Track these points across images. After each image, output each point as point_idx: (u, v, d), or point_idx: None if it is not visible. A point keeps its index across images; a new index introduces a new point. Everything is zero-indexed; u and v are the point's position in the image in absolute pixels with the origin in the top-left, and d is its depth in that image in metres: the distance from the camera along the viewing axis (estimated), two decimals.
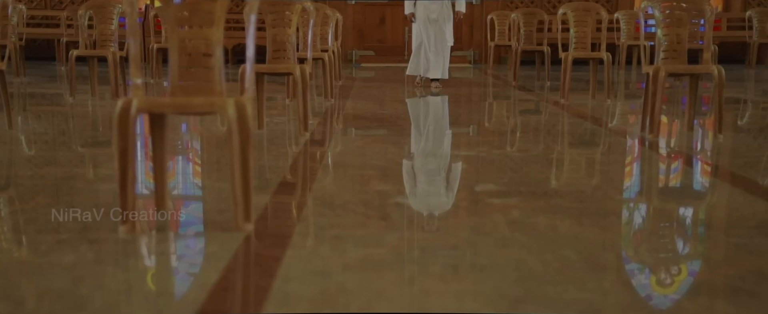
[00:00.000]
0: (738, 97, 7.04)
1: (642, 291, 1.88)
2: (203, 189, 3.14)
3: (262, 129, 4.48)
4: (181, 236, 2.32)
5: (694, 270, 2.05)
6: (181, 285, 1.89)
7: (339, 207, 2.71)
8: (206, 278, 1.93)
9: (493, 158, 3.82)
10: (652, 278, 1.97)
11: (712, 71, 4.14)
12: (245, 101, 2.33)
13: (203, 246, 2.25)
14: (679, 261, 2.14)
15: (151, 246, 2.15)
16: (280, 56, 4.46)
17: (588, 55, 6.22)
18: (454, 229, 2.50)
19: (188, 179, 3.38)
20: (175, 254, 2.14)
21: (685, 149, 4.11)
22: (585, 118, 5.30)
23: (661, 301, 1.83)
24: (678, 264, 2.11)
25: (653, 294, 1.87)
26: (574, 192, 2.96)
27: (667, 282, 1.96)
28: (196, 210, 2.74)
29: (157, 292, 1.82)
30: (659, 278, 1.98)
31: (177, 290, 1.85)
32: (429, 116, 5.58)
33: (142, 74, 2.48)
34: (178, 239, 2.28)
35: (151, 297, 1.78)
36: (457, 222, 2.60)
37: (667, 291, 1.90)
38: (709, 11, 4.31)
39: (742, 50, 10.75)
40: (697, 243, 2.36)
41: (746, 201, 2.93)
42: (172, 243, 2.23)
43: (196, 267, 2.05)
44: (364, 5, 11.71)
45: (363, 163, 3.63)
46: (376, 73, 9.86)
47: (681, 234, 2.46)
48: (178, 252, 2.16)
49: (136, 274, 1.93)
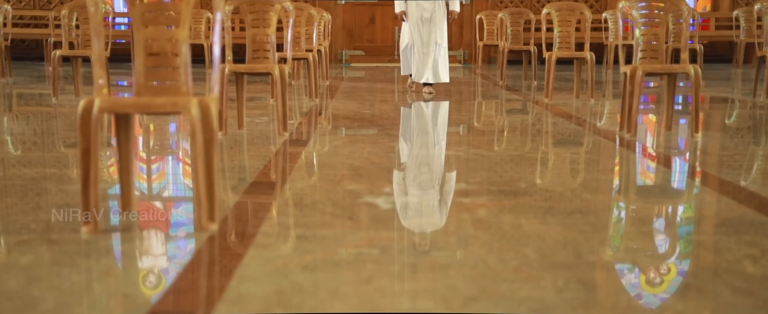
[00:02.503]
0: (724, 96, 7.06)
1: (595, 289, 1.89)
2: (172, 189, 3.14)
3: (241, 129, 4.48)
4: (144, 236, 2.32)
5: (649, 267, 2.06)
6: (135, 286, 1.89)
7: (307, 207, 2.72)
8: (163, 278, 1.93)
9: (469, 157, 3.83)
10: (607, 275, 1.98)
11: (689, 71, 4.15)
12: (209, 101, 2.33)
13: (165, 247, 2.25)
14: (636, 259, 2.15)
15: (111, 247, 2.15)
16: (259, 56, 4.46)
17: (572, 54, 6.23)
18: (418, 228, 2.51)
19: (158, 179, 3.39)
20: (135, 254, 2.14)
21: (660, 148, 4.13)
22: (566, 117, 5.32)
23: (612, 298, 1.84)
24: (635, 261, 2.12)
25: (605, 291, 1.88)
26: (544, 191, 2.97)
27: (621, 279, 1.97)
28: (162, 210, 2.74)
29: (110, 293, 1.82)
30: (614, 275, 1.99)
31: (130, 291, 1.85)
32: (411, 116, 5.59)
33: (107, 74, 2.48)
34: (140, 239, 2.29)
35: (103, 298, 1.79)
36: (422, 222, 2.60)
37: (619, 287, 1.91)
38: (685, 11, 4.33)
39: (731, 49, 10.78)
40: (657, 240, 2.37)
41: (714, 199, 2.94)
42: (133, 244, 2.23)
43: (154, 268, 2.05)
44: (354, 5, 11.72)
45: (338, 163, 3.63)
46: (365, 73, 9.87)
47: (643, 233, 2.47)
48: (138, 253, 2.16)
49: (91, 275, 1.94)
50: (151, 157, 4.00)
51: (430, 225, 2.59)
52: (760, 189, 3.01)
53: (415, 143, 4.39)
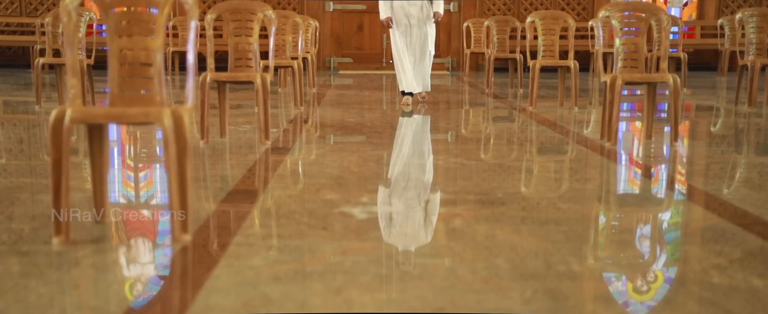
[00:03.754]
0: (708, 104, 7.11)
1: (562, 299, 1.90)
2: (148, 199, 3.14)
3: (224, 137, 4.48)
4: (116, 247, 2.32)
5: (618, 277, 2.08)
6: (102, 298, 1.89)
7: (283, 217, 2.72)
8: (132, 291, 1.93)
9: (449, 166, 3.84)
10: (575, 286, 1.99)
11: (668, 80, 4.18)
12: (182, 111, 2.33)
13: (137, 258, 2.25)
14: (605, 270, 2.16)
15: (82, 258, 2.15)
16: (242, 64, 4.47)
17: (556, 63, 6.27)
18: (392, 238, 2.51)
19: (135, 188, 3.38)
20: (105, 266, 2.13)
21: (639, 157, 4.15)
22: (549, 125, 5.34)
23: (579, 308, 1.85)
24: (604, 272, 2.13)
25: (572, 301, 1.89)
26: (520, 201, 2.98)
27: (589, 289, 1.98)
28: (136, 221, 2.74)
29: (76, 306, 1.82)
30: (582, 286, 2.00)
31: (97, 303, 1.85)
32: (395, 124, 5.60)
33: (82, 84, 2.48)
34: (112, 250, 2.28)
35: (68, 311, 1.78)
36: (396, 231, 2.61)
37: (586, 298, 1.92)
38: (665, 20, 4.36)
39: (716, 57, 10.86)
40: (627, 251, 2.38)
41: (687, 209, 2.97)
42: (104, 255, 2.23)
43: (123, 280, 2.05)
44: (342, 13, 11.74)
45: (318, 172, 3.64)
46: (353, 81, 9.88)
47: (615, 242, 2.48)
48: (109, 265, 2.16)
49: (59, 287, 1.93)
50: (130, 165, 4.00)
51: (405, 236, 2.59)
52: (733, 198, 3.03)
53: (397, 152, 4.40)
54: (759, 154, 4.31)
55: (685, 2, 11.86)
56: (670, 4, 11.83)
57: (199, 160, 3.83)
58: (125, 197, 3.16)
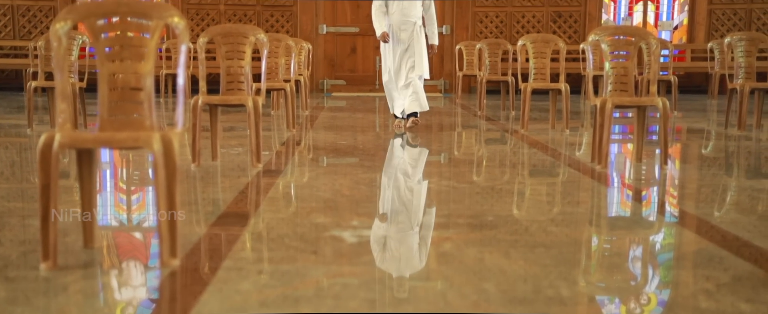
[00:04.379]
0: (698, 127, 7.15)
1: None
2: (138, 223, 3.13)
3: (215, 160, 4.48)
4: (105, 273, 2.31)
5: (606, 302, 2.08)
6: None
7: (273, 241, 2.71)
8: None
9: (440, 189, 3.84)
10: (564, 310, 1.99)
11: (658, 104, 4.21)
12: (172, 135, 2.34)
13: (125, 283, 2.24)
14: (594, 293, 2.16)
15: (69, 284, 2.14)
16: (234, 87, 4.48)
17: (547, 85, 6.31)
18: (382, 263, 2.51)
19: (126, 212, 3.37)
20: (93, 292, 2.12)
21: (629, 181, 4.16)
22: (540, 148, 5.36)
23: None
24: (593, 296, 2.13)
25: None
26: (510, 224, 2.98)
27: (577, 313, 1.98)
28: (125, 246, 2.73)
29: None
30: (571, 310, 2.00)
31: None
32: (387, 147, 5.61)
33: (74, 107, 2.48)
34: (100, 276, 2.27)
35: None
36: (386, 255, 2.61)
37: None
38: (654, 44, 4.40)
39: (706, 80, 10.95)
40: (616, 275, 2.38)
41: (676, 233, 2.97)
42: (92, 281, 2.22)
43: (111, 307, 2.04)
44: (335, 35, 11.80)
45: (309, 195, 3.64)
46: (346, 103, 9.91)
47: (604, 266, 2.49)
48: (96, 291, 2.15)
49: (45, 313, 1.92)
50: (121, 188, 3.99)
51: (394, 260, 2.59)
52: (722, 222, 3.04)
53: (389, 174, 4.41)
54: (748, 178, 4.33)
55: (675, 25, 11.97)
56: (660, 27, 11.94)
57: (190, 183, 3.83)
58: (115, 221, 3.15)
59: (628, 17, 12.00)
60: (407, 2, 6.19)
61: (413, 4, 6.21)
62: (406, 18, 6.20)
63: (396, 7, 6.20)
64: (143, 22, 2.42)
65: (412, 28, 6.21)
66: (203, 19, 11.62)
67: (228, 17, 11.61)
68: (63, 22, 2.35)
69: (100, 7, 2.40)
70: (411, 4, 6.20)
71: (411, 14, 6.21)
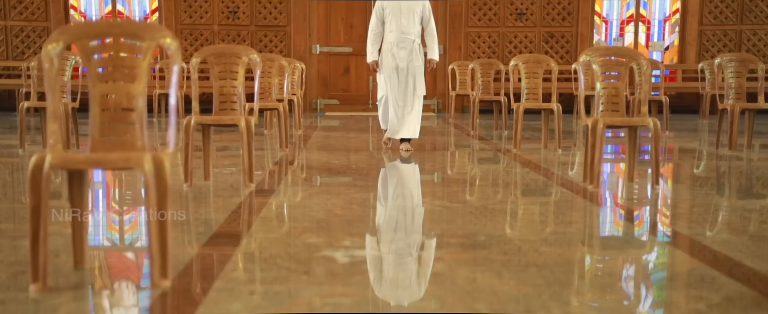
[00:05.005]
0: (690, 147, 7.18)
1: None
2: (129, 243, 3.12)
3: (207, 180, 4.47)
4: (95, 294, 2.30)
5: None
6: None
7: (264, 262, 2.71)
8: None
9: (433, 209, 3.84)
10: None
11: (648, 124, 4.24)
12: (163, 156, 2.34)
13: (115, 304, 2.23)
14: (586, 312, 2.16)
15: (59, 306, 2.12)
16: (226, 108, 4.49)
17: (539, 105, 6.34)
18: (373, 283, 2.50)
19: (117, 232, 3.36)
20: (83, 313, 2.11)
21: (621, 200, 4.17)
22: (532, 167, 5.37)
23: None
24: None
25: None
26: (502, 244, 2.98)
27: None
28: (116, 266, 2.72)
29: None
30: None
31: None
32: (380, 167, 5.61)
33: (65, 127, 2.48)
34: (90, 297, 2.26)
35: None
36: (378, 276, 2.60)
37: None
38: (644, 65, 4.43)
39: (698, 100, 11.01)
40: (608, 295, 2.38)
41: (667, 252, 2.98)
42: (83, 302, 2.21)
43: None
44: (329, 55, 11.85)
45: (301, 215, 3.63)
46: (339, 122, 9.92)
47: (595, 287, 2.49)
48: (87, 312, 2.13)
49: None
50: (113, 208, 3.98)
51: (386, 280, 2.58)
52: (713, 242, 3.05)
53: (382, 194, 4.41)
54: (740, 198, 4.35)
55: (666, 46, 12.07)
56: (651, 48, 12.03)
57: (182, 203, 3.82)
58: (106, 242, 3.14)
59: (619, 38, 12.09)
60: (405, 20, 6.07)
61: (411, 22, 6.08)
62: (404, 36, 6.07)
63: (394, 25, 6.08)
64: (136, 43, 2.43)
65: (410, 46, 6.07)
66: (197, 39, 11.66)
67: (221, 37, 11.65)
68: (55, 43, 2.36)
69: (92, 28, 2.41)
70: (409, 22, 6.08)
71: (409, 31, 6.08)
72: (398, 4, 6.10)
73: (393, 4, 6.11)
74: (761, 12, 11.73)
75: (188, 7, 11.62)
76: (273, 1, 11.70)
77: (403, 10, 6.08)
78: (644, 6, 12.01)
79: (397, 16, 6.08)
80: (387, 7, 6.12)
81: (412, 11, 6.10)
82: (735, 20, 11.76)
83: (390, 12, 6.10)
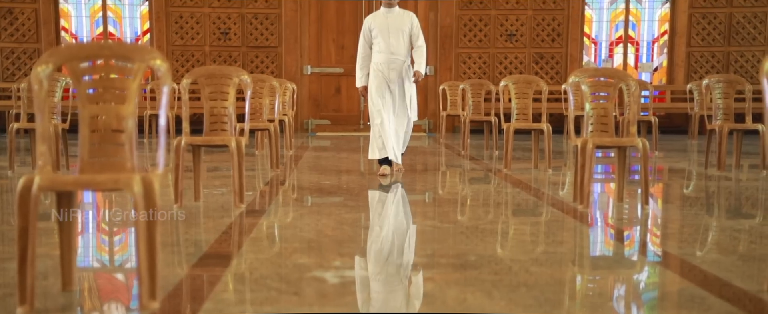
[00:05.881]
0: (679, 167, 7.22)
1: None
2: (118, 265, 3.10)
3: (198, 201, 4.46)
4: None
5: None
6: None
7: (254, 282, 2.69)
8: None
9: (424, 229, 3.84)
10: None
11: (637, 144, 4.26)
12: (153, 177, 2.33)
13: None
14: None
15: None
16: (217, 128, 4.50)
17: (529, 126, 6.37)
18: (363, 304, 2.49)
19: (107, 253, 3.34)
20: None
21: (611, 220, 4.19)
22: (523, 187, 5.39)
23: None
24: None
25: None
26: (492, 264, 2.98)
27: None
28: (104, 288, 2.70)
29: None
30: None
31: None
32: (371, 187, 5.61)
33: (55, 149, 2.48)
34: None
35: None
36: (368, 296, 2.59)
37: None
38: (633, 86, 4.47)
39: (686, 121, 11.09)
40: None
41: (657, 273, 2.99)
42: None
43: None
44: (320, 75, 11.89)
45: (292, 235, 3.62)
46: (330, 143, 9.93)
47: (585, 307, 2.49)
48: None
49: None
50: (102, 229, 3.96)
51: (376, 301, 2.57)
52: (702, 262, 3.06)
53: (372, 214, 4.40)
54: (728, 218, 4.36)
55: (655, 67, 12.17)
56: (640, 69, 12.13)
57: (173, 224, 3.81)
58: (94, 263, 3.12)
59: (608, 59, 12.19)
60: (393, 39, 5.89)
61: (400, 42, 5.90)
62: (394, 56, 5.88)
63: (383, 45, 5.90)
64: (126, 65, 2.44)
65: (400, 66, 5.89)
66: (188, 60, 11.68)
67: (213, 58, 11.68)
68: (44, 65, 2.36)
69: (82, 49, 2.42)
70: (398, 42, 5.89)
71: (398, 52, 5.89)
72: (386, 22, 5.93)
73: (380, 22, 5.94)
74: (748, 34, 11.86)
75: (179, 29, 11.65)
76: (264, 22, 11.76)
77: (391, 29, 5.92)
78: (633, 27, 12.13)
79: (385, 35, 5.91)
80: (375, 27, 5.94)
81: (401, 30, 5.92)
82: (722, 42, 11.89)
83: (378, 32, 5.93)
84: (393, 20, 5.95)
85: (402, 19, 5.97)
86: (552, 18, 11.91)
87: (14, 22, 11.40)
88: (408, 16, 6.01)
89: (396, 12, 5.98)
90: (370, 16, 6.09)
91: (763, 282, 2.66)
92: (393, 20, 5.95)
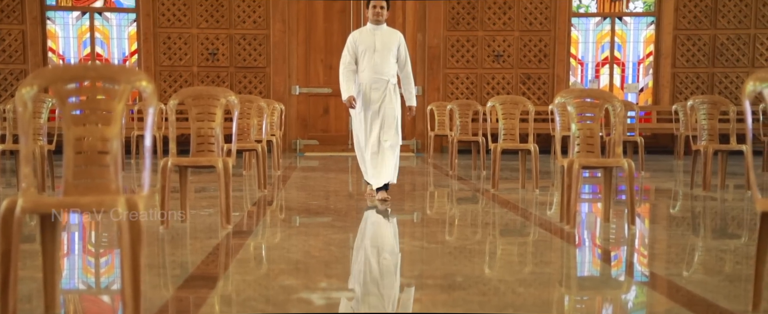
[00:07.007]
0: (665, 187, 7.26)
1: None
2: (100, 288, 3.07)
3: (184, 222, 4.44)
4: None
5: None
6: None
7: (240, 304, 2.68)
8: None
9: (412, 249, 3.84)
10: None
11: (623, 165, 4.29)
12: (137, 199, 2.32)
13: None
14: None
15: None
16: (204, 149, 4.48)
17: (517, 146, 6.39)
18: None
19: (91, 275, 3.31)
20: None
21: (597, 241, 4.20)
22: (510, 208, 5.39)
23: None
24: None
25: None
26: (479, 285, 2.98)
27: None
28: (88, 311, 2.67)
29: None
30: None
31: None
32: (359, 207, 5.60)
33: (41, 170, 2.46)
34: None
35: None
36: None
37: None
38: (619, 107, 4.50)
39: (672, 141, 11.17)
40: None
41: (643, 293, 2.99)
42: None
43: None
44: (308, 96, 11.91)
45: (278, 257, 3.61)
46: (319, 163, 9.93)
47: None
48: None
49: None
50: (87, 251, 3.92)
51: None
52: (688, 283, 3.07)
53: (360, 235, 4.39)
54: (714, 238, 4.38)
55: (640, 88, 12.27)
56: (626, 89, 12.23)
57: (158, 246, 3.78)
58: (79, 285, 3.09)
59: (594, 79, 12.29)
60: (379, 58, 5.55)
61: (386, 61, 5.56)
62: (378, 75, 5.54)
63: (367, 64, 5.55)
64: (112, 86, 2.43)
65: (384, 86, 5.55)
66: (176, 81, 11.68)
67: (201, 79, 11.68)
68: (29, 87, 2.36)
69: (67, 71, 2.41)
70: (383, 61, 5.55)
71: (383, 71, 5.55)
72: (372, 40, 5.59)
73: (367, 40, 5.60)
74: (732, 56, 12.00)
75: (167, 49, 11.66)
76: (253, 42, 11.79)
77: (378, 47, 5.57)
78: (619, 49, 12.24)
79: (371, 54, 5.56)
80: (361, 44, 5.59)
81: (387, 49, 5.58)
82: (707, 63, 12.02)
83: (363, 49, 5.58)
84: (380, 38, 5.62)
85: (390, 38, 5.64)
86: (539, 39, 12.01)
87: (1, 42, 11.37)
88: (396, 35, 5.70)
89: (384, 30, 5.67)
90: (356, 32, 5.76)
91: (749, 303, 2.67)
92: (380, 38, 5.62)
